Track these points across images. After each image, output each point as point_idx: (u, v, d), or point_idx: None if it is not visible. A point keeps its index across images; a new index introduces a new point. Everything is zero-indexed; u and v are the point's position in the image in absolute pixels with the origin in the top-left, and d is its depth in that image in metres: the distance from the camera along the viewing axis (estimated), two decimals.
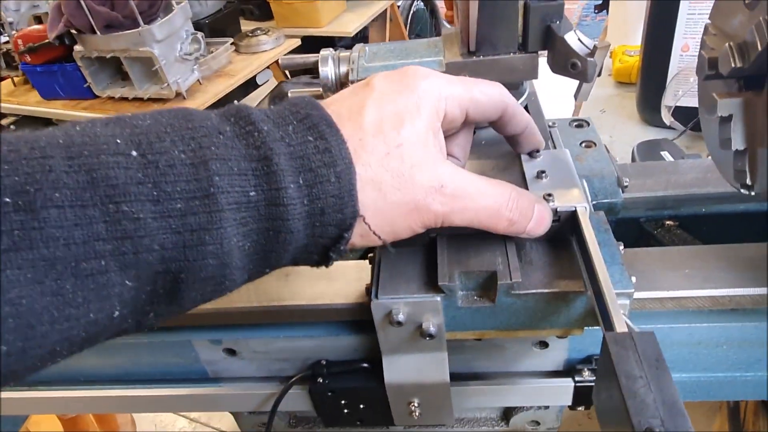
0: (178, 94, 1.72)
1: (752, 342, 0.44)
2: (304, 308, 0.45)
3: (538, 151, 0.47)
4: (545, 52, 0.50)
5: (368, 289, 0.43)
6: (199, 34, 1.77)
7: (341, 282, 0.47)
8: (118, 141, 0.28)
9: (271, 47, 2.09)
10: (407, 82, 0.37)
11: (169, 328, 0.48)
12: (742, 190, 0.39)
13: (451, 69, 0.50)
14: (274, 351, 0.48)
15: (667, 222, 0.53)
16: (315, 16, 2.27)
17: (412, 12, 3.34)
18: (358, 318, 0.45)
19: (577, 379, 0.46)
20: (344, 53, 0.54)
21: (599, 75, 0.46)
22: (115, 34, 1.61)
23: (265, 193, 0.30)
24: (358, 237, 0.35)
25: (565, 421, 1.06)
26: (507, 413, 0.54)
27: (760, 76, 0.36)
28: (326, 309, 0.45)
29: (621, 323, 0.32)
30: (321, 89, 0.54)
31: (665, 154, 0.83)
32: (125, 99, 1.77)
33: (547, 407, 0.51)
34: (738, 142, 0.37)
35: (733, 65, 0.35)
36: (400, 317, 0.40)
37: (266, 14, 2.38)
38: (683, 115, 0.94)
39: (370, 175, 0.34)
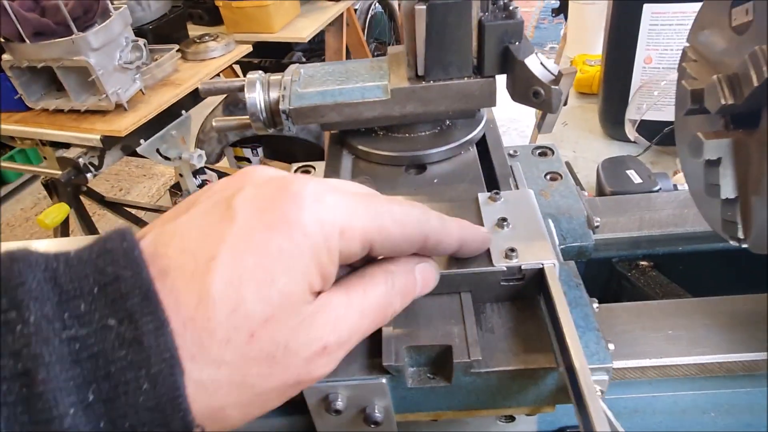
0: (119, 106, 1.60)
1: (742, 407, 0.39)
2: None
3: (498, 192, 0.40)
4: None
5: None
6: (141, 41, 1.66)
7: None
8: None
9: (220, 54, 1.99)
10: (285, 211, 0.26)
11: None
12: (731, 242, 0.34)
13: (398, 96, 0.44)
14: None
15: (641, 263, 0.48)
16: (267, 21, 2.17)
17: (370, 16, 3.28)
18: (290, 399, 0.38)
19: None
20: (275, 77, 0.46)
21: (565, 104, 0.40)
22: (46, 42, 1.49)
23: (25, 428, 0.20)
24: None
25: None
26: None
27: (750, 114, 0.31)
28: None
29: (602, 421, 0.26)
30: (249, 119, 0.47)
31: (631, 173, 0.78)
32: (61, 111, 1.64)
33: None
34: (728, 190, 0.32)
35: (722, 102, 0.30)
36: (339, 404, 0.34)
37: (215, 19, 2.28)
38: (647, 129, 0.91)
39: (225, 377, 0.24)
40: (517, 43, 0.41)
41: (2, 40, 1.53)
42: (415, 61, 0.43)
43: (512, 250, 0.35)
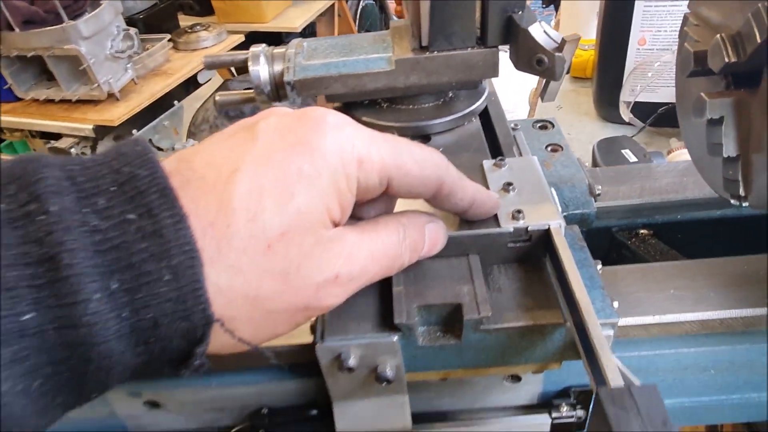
0: (111, 95, 1.59)
1: (740, 365, 0.40)
2: (238, 354, 0.38)
3: (502, 159, 0.41)
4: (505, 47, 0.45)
5: (313, 329, 0.36)
6: (132, 31, 1.65)
7: None
8: None
9: (212, 44, 1.98)
10: (307, 135, 0.27)
11: None
12: (732, 201, 0.35)
13: (402, 67, 0.44)
14: (206, 401, 0.41)
15: (642, 231, 0.49)
16: (258, 12, 2.16)
17: (361, 7, 3.27)
18: (302, 361, 0.38)
19: (554, 415, 0.41)
20: (278, 50, 0.47)
21: (567, 72, 0.40)
22: (35, 30, 1.48)
23: (52, 312, 0.21)
24: (220, 346, 0.26)
25: None
26: None
27: (752, 73, 0.32)
28: (265, 354, 0.38)
29: (615, 373, 0.27)
30: (254, 92, 0.47)
31: (626, 152, 0.80)
32: (51, 101, 1.63)
33: None
34: (730, 148, 0.33)
35: (726, 60, 0.30)
36: (351, 362, 0.34)
37: (206, 9, 2.26)
38: (641, 110, 0.92)
39: (240, 285, 0.24)
40: (520, 12, 0.42)
41: None
42: (419, 32, 0.43)
43: (519, 211, 0.36)
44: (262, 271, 0.25)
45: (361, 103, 0.48)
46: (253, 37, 2.17)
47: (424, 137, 0.46)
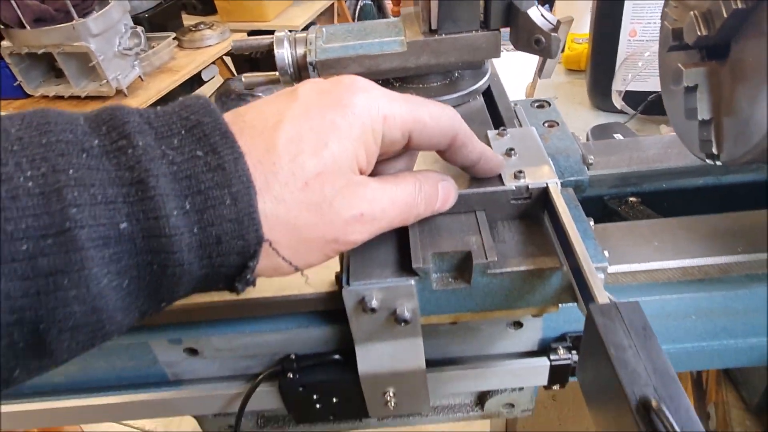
0: (119, 91, 1.64)
1: (718, 311, 0.44)
2: (271, 300, 0.42)
3: (505, 129, 0.46)
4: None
5: (338, 277, 0.41)
6: (139, 29, 1.69)
7: (308, 270, 0.44)
8: None
9: (216, 42, 2.03)
10: (340, 95, 0.32)
11: None
12: (707, 161, 0.40)
13: (413, 48, 0.49)
14: (240, 348, 0.45)
15: (631, 199, 0.54)
16: (261, 11, 2.22)
17: (359, 7, 3.32)
18: (328, 308, 0.43)
19: (552, 357, 0.45)
20: (300, 35, 0.51)
21: (561, 51, 0.45)
22: (46, 28, 1.52)
23: (141, 223, 0.26)
24: (266, 265, 0.30)
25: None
26: (481, 398, 0.53)
27: (722, 46, 0.37)
28: (295, 300, 0.42)
29: (603, 295, 0.32)
30: (277, 74, 0.52)
31: (618, 136, 0.84)
32: (61, 97, 1.67)
33: (521, 389, 0.51)
34: (704, 112, 0.38)
35: (699, 33, 0.35)
36: (374, 303, 0.39)
37: (209, 8, 2.31)
38: (633, 99, 0.97)
39: (282, 213, 0.29)
40: None
41: (2, 26, 1.56)
42: (428, 16, 0.48)
43: (520, 171, 0.41)
44: (300, 203, 0.30)
45: (374, 82, 0.53)
46: (256, 35, 2.21)
47: None
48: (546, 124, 0.55)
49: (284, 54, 0.50)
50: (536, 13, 0.45)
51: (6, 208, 0.23)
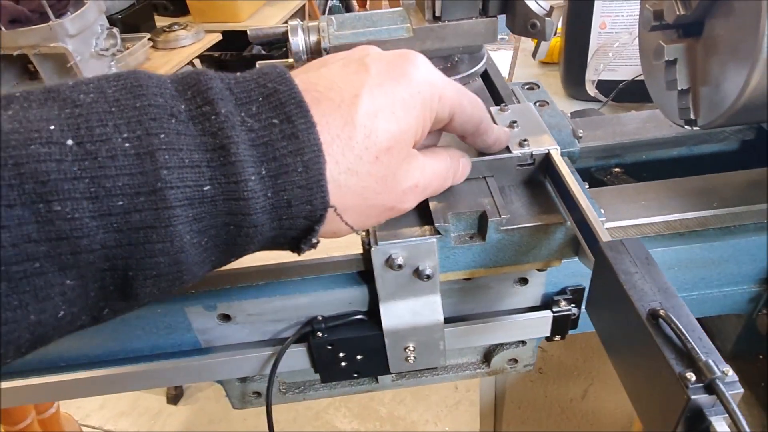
0: None
1: (696, 261, 0.50)
2: (301, 264, 0.46)
3: (506, 105, 0.51)
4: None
5: (364, 241, 0.45)
6: (115, 29, 1.69)
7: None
8: (52, 127, 0.25)
9: (191, 42, 2.03)
10: (406, 70, 0.34)
11: None
12: (686, 126, 0.46)
13: (419, 34, 0.53)
14: (269, 312, 0.49)
15: (615, 169, 0.59)
16: (234, 11, 2.22)
17: (328, 8, 3.35)
18: (355, 269, 0.47)
19: (554, 309, 0.50)
20: (312, 23, 0.55)
21: (555, 34, 0.50)
22: (22, 29, 1.51)
23: (222, 187, 0.28)
24: (329, 228, 0.33)
25: (517, 383, 1.13)
26: (487, 355, 0.58)
27: (697, 24, 0.42)
28: (324, 263, 0.46)
29: (607, 237, 0.37)
30: (291, 59, 0.56)
31: None
32: None
33: (524, 344, 0.56)
34: (683, 82, 0.43)
35: (677, 13, 0.41)
36: (400, 260, 0.43)
37: (181, 9, 2.31)
38: (604, 87, 1.03)
39: (353, 183, 0.32)
40: None
41: None
42: (433, 4, 0.53)
43: (525, 140, 0.46)
44: (370, 174, 0.32)
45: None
46: (227, 36, 2.22)
47: None
48: (537, 104, 0.60)
49: (299, 41, 0.54)
50: (531, 0, 0.50)
51: (106, 166, 0.25)
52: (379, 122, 0.32)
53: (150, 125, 0.26)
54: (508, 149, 0.46)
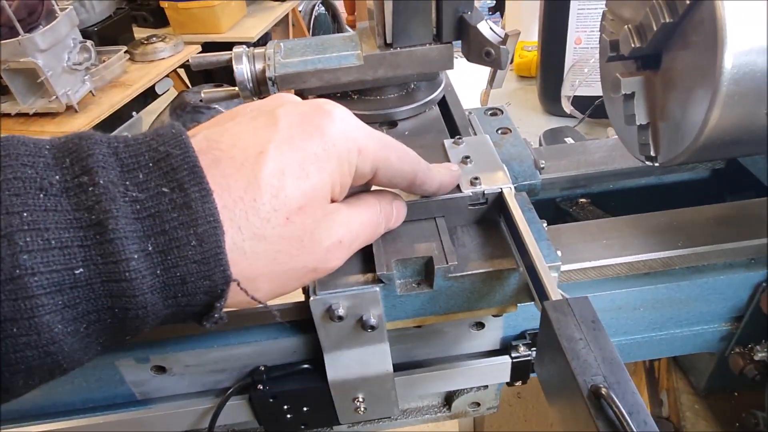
0: (69, 107, 1.60)
1: (663, 302, 0.47)
2: (240, 314, 0.43)
3: (460, 137, 0.48)
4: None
5: (305, 289, 0.42)
6: (89, 43, 1.66)
7: None
8: None
9: (169, 54, 2.00)
10: (319, 123, 0.32)
11: None
12: (647, 162, 0.43)
13: (370, 61, 0.50)
14: (209, 362, 0.46)
15: (581, 200, 0.57)
16: (214, 22, 2.20)
17: (313, 17, 3.33)
18: (296, 318, 0.44)
19: (513, 355, 0.47)
20: (258, 50, 0.52)
21: (511, 62, 0.48)
22: None
23: (99, 268, 0.25)
24: (237, 301, 0.30)
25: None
26: (448, 399, 0.54)
27: (655, 56, 0.40)
28: (263, 312, 0.43)
29: (556, 293, 0.34)
30: (237, 89, 0.53)
31: (569, 140, 0.88)
32: (7, 115, 1.62)
33: (486, 387, 0.53)
34: (641, 117, 0.41)
35: (632, 45, 0.38)
36: (341, 311, 0.40)
37: (161, 21, 2.28)
38: (581, 103, 1.01)
39: (262, 250, 0.29)
40: (469, 12, 0.49)
41: None
42: (383, 31, 0.50)
43: (476, 178, 0.43)
44: (282, 238, 0.29)
45: (333, 95, 0.54)
46: (207, 48, 2.19)
47: (391, 123, 0.53)
48: (499, 131, 0.57)
49: (243, 69, 0.51)
50: (485, 27, 0.47)
51: None
52: (288, 180, 0.29)
53: (11, 202, 0.23)
54: (458, 188, 0.43)
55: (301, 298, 0.43)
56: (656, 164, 0.42)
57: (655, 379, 0.65)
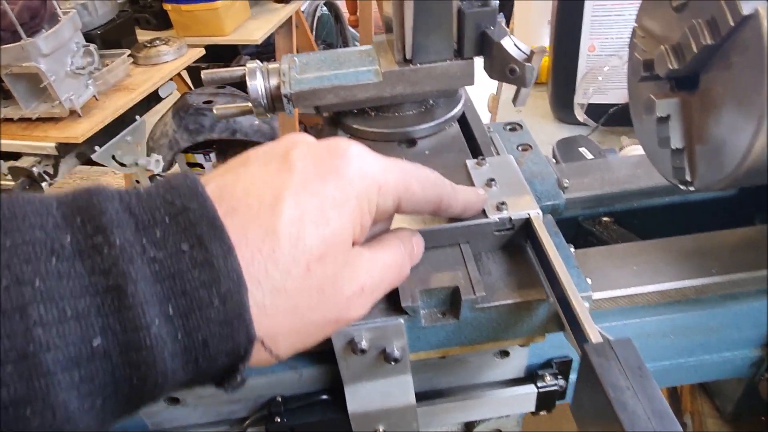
0: (73, 112, 1.57)
1: (695, 329, 0.46)
2: None
3: (483, 158, 0.46)
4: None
5: None
6: (92, 46, 1.63)
7: None
8: None
9: (172, 58, 1.97)
10: (336, 165, 0.30)
11: None
12: (681, 186, 0.41)
13: (389, 78, 0.49)
14: (223, 393, 0.44)
15: (604, 219, 0.55)
16: (218, 24, 2.17)
17: (316, 18, 3.31)
18: (315, 349, 0.42)
19: (539, 384, 0.46)
20: (273, 65, 0.50)
21: (536, 81, 0.46)
22: None
23: (117, 337, 0.23)
24: (258, 359, 0.28)
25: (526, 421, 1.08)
26: (468, 425, 0.53)
27: (691, 77, 0.38)
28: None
29: (595, 333, 0.32)
30: (249, 103, 0.51)
31: (583, 150, 0.86)
32: (10, 120, 1.60)
33: (507, 415, 0.51)
34: (676, 141, 0.39)
35: (670, 67, 0.36)
36: (363, 344, 0.38)
37: (164, 23, 2.25)
38: (594, 111, 0.99)
39: (282, 303, 0.27)
40: (492, 27, 0.47)
41: None
42: (403, 46, 0.48)
43: (502, 203, 0.41)
44: (303, 289, 0.28)
45: (350, 112, 0.53)
46: (212, 50, 2.18)
47: (410, 142, 0.51)
48: (520, 148, 0.56)
49: (257, 86, 0.49)
50: (510, 44, 0.46)
51: None
52: (307, 227, 0.28)
53: (21, 270, 0.22)
54: (484, 213, 0.41)
55: None
56: (691, 189, 0.41)
57: (678, 401, 0.63)
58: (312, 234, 0.28)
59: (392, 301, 0.39)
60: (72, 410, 0.22)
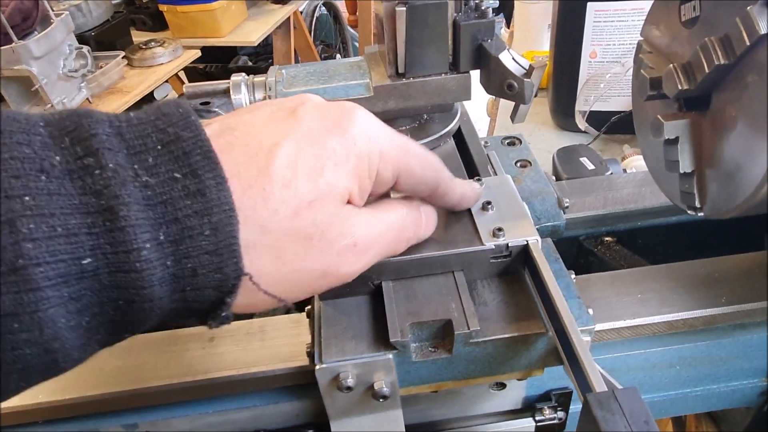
0: None
1: (702, 359, 0.43)
2: (236, 379, 0.39)
3: (479, 178, 0.44)
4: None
5: (309, 352, 0.37)
6: (85, 49, 1.61)
7: (276, 341, 0.41)
8: None
9: (168, 59, 1.95)
10: (340, 120, 0.30)
11: (70, 417, 0.40)
12: (689, 212, 0.38)
13: (380, 93, 0.46)
14: (203, 427, 0.42)
15: (606, 238, 0.52)
16: (214, 26, 2.15)
17: (315, 18, 3.28)
18: (299, 382, 0.40)
19: (537, 418, 0.43)
20: (259, 78, 0.48)
21: (535, 95, 0.43)
22: None
23: (108, 258, 0.23)
24: (245, 301, 0.28)
25: None
26: None
27: (701, 97, 0.35)
28: (262, 377, 0.39)
29: (597, 377, 0.30)
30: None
31: (584, 160, 0.84)
32: None
33: None
34: (685, 165, 0.36)
35: (679, 87, 0.34)
36: (349, 381, 0.36)
37: (160, 24, 2.22)
38: (595, 119, 0.97)
39: (267, 242, 0.27)
40: (489, 40, 0.44)
41: None
42: (395, 59, 0.45)
43: (499, 229, 0.39)
44: (289, 233, 0.27)
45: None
46: (208, 52, 2.15)
47: None
48: (518, 164, 0.53)
49: (242, 100, 0.47)
50: (508, 58, 0.43)
51: None
52: (301, 172, 0.27)
53: (10, 185, 0.21)
54: (479, 239, 0.39)
55: (305, 361, 0.39)
56: (700, 214, 0.38)
57: (682, 426, 0.61)
58: (305, 179, 0.27)
59: (380, 335, 0.36)
60: (59, 327, 0.22)
